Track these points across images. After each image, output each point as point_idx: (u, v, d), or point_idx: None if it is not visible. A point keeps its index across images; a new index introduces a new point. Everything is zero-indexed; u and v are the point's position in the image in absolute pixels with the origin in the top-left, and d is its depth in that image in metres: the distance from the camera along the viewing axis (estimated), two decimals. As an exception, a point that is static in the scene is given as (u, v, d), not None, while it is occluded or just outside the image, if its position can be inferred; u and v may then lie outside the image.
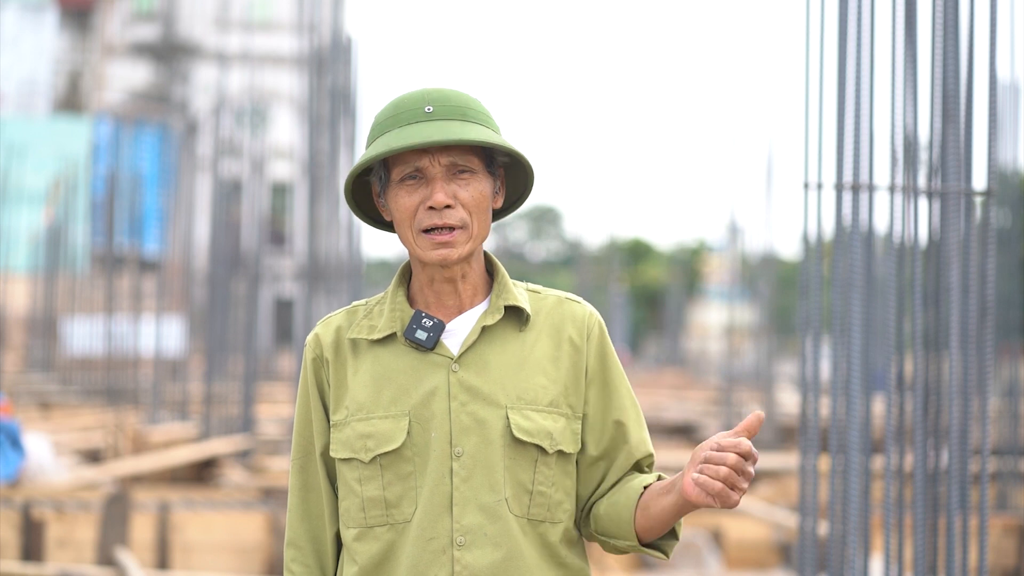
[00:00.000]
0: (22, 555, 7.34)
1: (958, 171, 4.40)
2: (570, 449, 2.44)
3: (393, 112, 2.43)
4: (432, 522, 2.38)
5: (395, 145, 2.37)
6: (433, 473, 2.39)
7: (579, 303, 2.51)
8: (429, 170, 2.40)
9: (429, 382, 2.41)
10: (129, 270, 15.29)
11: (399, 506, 2.40)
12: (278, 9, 36.61)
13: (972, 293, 4.41)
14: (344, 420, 2.44)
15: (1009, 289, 9.11)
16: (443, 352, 2.43)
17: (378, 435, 2.41)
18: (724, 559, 8.33)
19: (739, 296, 22.86)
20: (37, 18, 34.67)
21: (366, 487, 2.41)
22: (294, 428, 2.52)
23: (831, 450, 4.39)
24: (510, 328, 2.45)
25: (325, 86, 9.43)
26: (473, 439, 2.39)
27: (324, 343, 2.48)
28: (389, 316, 2.46)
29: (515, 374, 2.43)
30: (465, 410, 2.40)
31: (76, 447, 10.36)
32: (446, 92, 2.43)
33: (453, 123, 2.39)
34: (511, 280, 2.49)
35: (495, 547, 2.38)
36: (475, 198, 2.41)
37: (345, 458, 2.43)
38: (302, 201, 11.79)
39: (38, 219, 25.59)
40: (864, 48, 4.36)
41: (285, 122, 31.77)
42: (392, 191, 2.43)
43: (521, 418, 2.41)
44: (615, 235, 30.12)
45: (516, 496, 2.40)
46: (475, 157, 2.42)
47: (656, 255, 48.17)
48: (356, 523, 2.42)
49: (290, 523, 2.50)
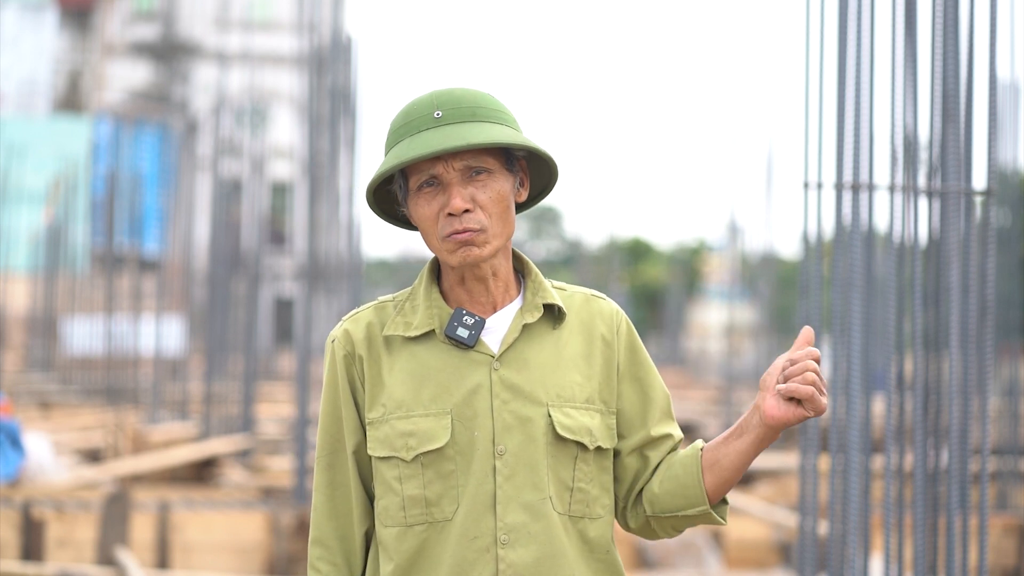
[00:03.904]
0: (22, 555, 7.35)
1: (958, 171, 4.39)
2: (607, 445, 2.45)
3: (404, 120, 2.42)
4: (475, 521, 2.38)
5: (405, 157, 2.36)
6: (476, 472, 2.39)
7: (605, 300, 2.52)
8: (444, 176, 2.39)
9: (471, 380, 2.41)
10: (129, 270, 15.29)
11: (439, 504, 2.39)
12: (278, 9, 36.61)
13: (972, 293, 4.41)
14: (382, 418, 2.42)
15: (1009, 289, 9.11)
16: (483, 350, 2.42)
17: (420, 433, 2.40)
18: (724, 559, 8.33)
19: (739, 296, 22.87)
20: (37, 18, 34.67)
21: (406, 485, 2.40)
22: (320, 425, 2.49)
23: (831, 450, 4.39)
24: (545, 326, 2.46)
25: (325, 86, 9.43)
26: (516, 437, 2.40)
27: (356, 339, 2.46)
28: (425, 313, 2.44)
29: (553, 372, 2.43)
30: (507, 408, 2.40)
31: (76, 447, 10.37)
32: (456, 93, 2.42)
33: (463, 126, 2.38)
34: (543, 278, 2.49)
35: (539, 545, 2.38)
36: (493, 199, 2.40)
37: (384, 456, 2.41)
38: (302, 201, 11.79)
39: (38, 219, 25.58)
40: (864, 47, 4.36)
41: (285, 122, 31.77)
42: (412, 200, 2.42)
43: (562, 415, 2.41)
44: (615, 234, 30.13)
45: (558, 493, 2.41)
46: (490, 157, 2.41)
47: (656, 255, 48.14)
48: (396, 522, 2.41)
49: (316, 521, 2.47)
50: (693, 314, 40.78)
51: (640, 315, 44.87)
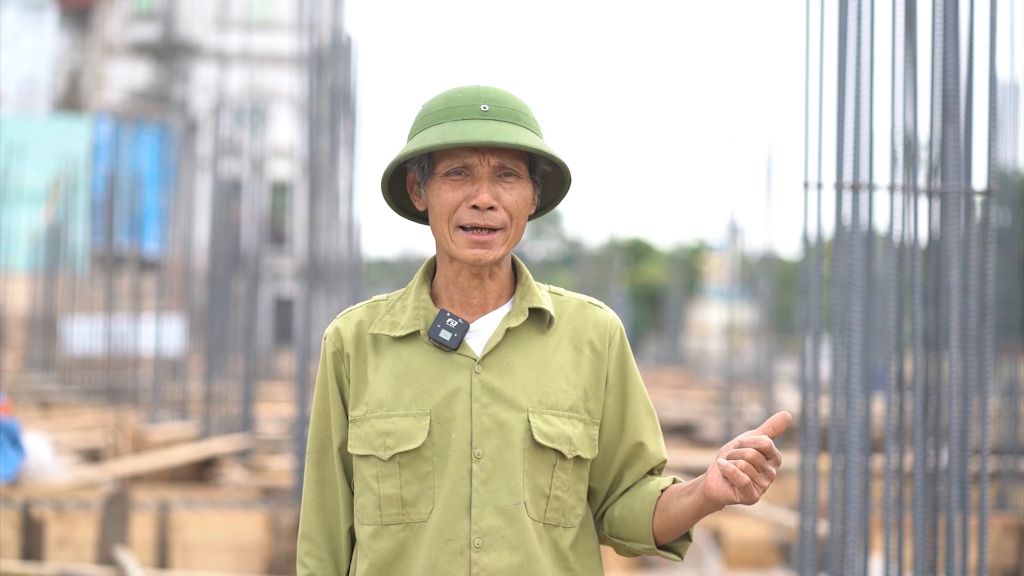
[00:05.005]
0: (22, 554, 7.34)
1: (958, 170, 4.39)
2: (587, 455, 2.44)
3: (447, 104, 2.42)
4: (450, 523, 2.38)
5: (451, 139, 2.36)
6: (452, 474, 2.39)
7: (602, 308, 2.50)
8: (478, 169, 2.40)
9: (451, 382, 2.41)
10: (129, 269, 15.30)
11: (416, 505, 2.40)
12: (278, 9, 36.60)
13: (972, 292, 4.41)
14: (363, 416, 2.43)
15: (1009, 289, 9.11)
16: (466, 353, 2.42)
17: (398, 433, 2.40)
18: (724, 559, 8.33)
19: (739, 295, 22.85)
20: (37, 17, 34.66)
21: (383, 485, 2.41)
22: (311, 422, 2.51)
23: (831, 450, 4.39)
24: (533, 331, 2.45)
25: (325, 85, 9.42)
26: (494, 441, 2.39)
27: (345, 337, 2.47)
28: (413, 313, 2.45)
29: (537, 377, 2.43)
30: (487, 412, 2.40)
31: (76, 446, 10.36)
32: (501, 93, 2.43)
33: (508, 126, 2.39)
34: (535, 282, 2.49)
35: (513, 550, 2.38)
36: (517, 203, 2.41)
37: (363, 455, 2.43)
38: (302, 201, 11.79)
39: (38, 219, 25.58)
40: (864, 47, 4.36)
41: (285, 122, 31.76)
42: (435, 184, 2.42)
43: (542, 422, 2.41)
44: (615, 234, 30.06)
45: (534, 500, 2.40)
46: (522, 163, 2.42)
47: (656, 254, 48.15)
48: (371, 520, 2.42)
49: (304, 517, 2.49)
50: (693, 314, 40.79)
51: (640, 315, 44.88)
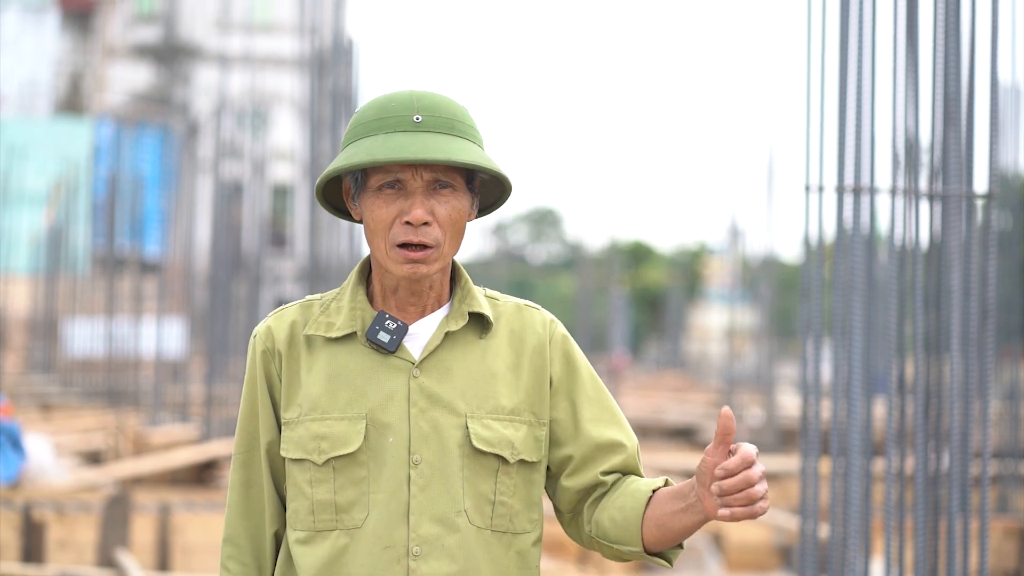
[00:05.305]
0: (23, 557, 7.34)
1: (959, 174, 4.40)
2: (532, 458, 2.38)
3: (379, 115, 2.34)
4: (388, 530, 2.31)
5: (380, 157, 2.29)
6: (390, 480, 2.32)
7: (538, 310, 2.45)
8: (410, 184, 2.33)
9: (388, 386, 2.35)
10: (130, 272, 15.30)
11: (350, 511, 2.33)
12: (279, 11, 36.61)
13: (973, 296, 4.41)
14: (297, 419, 2.36)
15: (1010, 292, 9.11)
16: (404, 356, 2.36)
17: (333, 437, 2.34)
18: (725, 562, 8.32)
19: (740, 299, 22.87)
20: (38, 19, 34.69)
21: (317, 490, 2.34)
22: (238, 422, 2.44)
23: (832, 453, 4.39)
24: (471, 335, 2.39)
25: (326, 88, 9.42)
26: (432, 447, 2.33)
27: (277, 337, 2.39)
28: (349, 314, 2.38)
29: (476, 382, 2.37)
30: (424, 417, 2.34)
31: (77, 449, 10.36)
32: (436, 100, 2.35)
33: (441, 137, 2.32)
34: (474, 286, 2.44)
35: (451, 559, 2.32)
36: (452, 216, 2.34)
37: (297, 459, 2.36)
38: (303, 203, 11.80)
39: (39, 221, 25.60)
40: (865, 51, 4.36)
41: (286, 124, 31.77)
42: (368, 198, 2.36)
43: (481, 427, 2.35)
44: (616, 238, 30.05)
45: (477, 507, 2.34)
46: (457, 174, 2.35)
47: (657, 257, 48.17)
48: (304, 526, 2.35)
49: (229, 519, 2.43)
50: (694, 317, 40.79)
51: (641, 318, 44.89)
